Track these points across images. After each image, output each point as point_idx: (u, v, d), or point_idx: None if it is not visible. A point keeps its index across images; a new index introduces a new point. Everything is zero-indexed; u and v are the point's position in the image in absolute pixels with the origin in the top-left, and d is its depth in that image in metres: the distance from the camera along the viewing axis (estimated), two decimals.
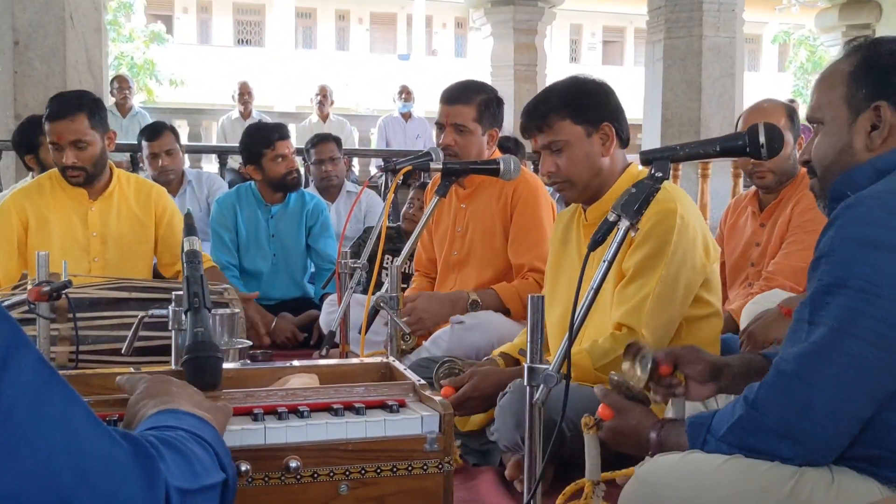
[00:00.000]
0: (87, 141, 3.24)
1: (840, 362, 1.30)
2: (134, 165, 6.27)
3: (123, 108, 7.93)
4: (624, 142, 2.36)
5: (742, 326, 2.61)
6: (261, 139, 4.18)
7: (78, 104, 3.26)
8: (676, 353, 1.65)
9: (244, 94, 8.37)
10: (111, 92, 7.70)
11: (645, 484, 1.49)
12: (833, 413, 1.31)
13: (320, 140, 5.09)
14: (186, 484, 0.98)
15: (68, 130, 3.22)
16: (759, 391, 1.37)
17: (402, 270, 2.65)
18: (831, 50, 11.00)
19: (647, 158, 1.77)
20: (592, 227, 2.35)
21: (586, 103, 2.30)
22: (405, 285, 3.57)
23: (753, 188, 3.20)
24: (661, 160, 1.75)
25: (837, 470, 1.37)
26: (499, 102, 3.23)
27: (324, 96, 8.63)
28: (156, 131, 4.81)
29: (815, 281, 1.37)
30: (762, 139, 1.70)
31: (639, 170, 2.37)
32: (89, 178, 3.31)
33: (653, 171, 1.73)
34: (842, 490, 1.35)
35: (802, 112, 3.17)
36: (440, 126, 3.15)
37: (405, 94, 8.93)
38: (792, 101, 9.35)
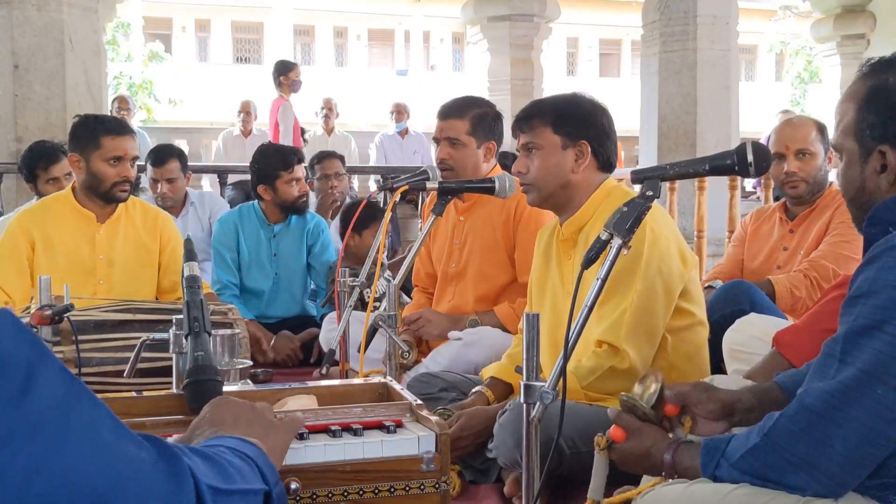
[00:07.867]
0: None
1: (866, 406, 1.30)
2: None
3: None
4: (603, 165, 2.38)
5: (724, 352, 2.61)
6: (278, 161, 4.15)
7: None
8: (685, 393, 1.61)
9: (246, 112, 8.42)
10: (111, 113, 7.74)
11: None
12: (852, 453, 1.31)
13: (326, 156, 5.14)
14: (219, 483, 0.99)
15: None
16: (779, 421, 1.37)
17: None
18: (827, 60, 11.04)
19: (639, 178, 1.80)
20: (568, 241, 2.39)
21: (571, 117, 2.36)
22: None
23: (778, 202, 3.40)
24: (652, 179, 1.79)
25: (843, 497, 1.36)
26: (496, 117, 3.25)
27: (329, 109, 8.65)
28: (161, 158, 4.78)
29: (851, 319, 1.35)
30: (750, 158, 1.74)
31: (613, 185, 2.39)
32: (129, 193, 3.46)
33: (644, 191, 1.76)
34: None
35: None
36: (437, 141, 3.19)
37: (397, 113, 8.97)
38: (787, 111, 9.43)
